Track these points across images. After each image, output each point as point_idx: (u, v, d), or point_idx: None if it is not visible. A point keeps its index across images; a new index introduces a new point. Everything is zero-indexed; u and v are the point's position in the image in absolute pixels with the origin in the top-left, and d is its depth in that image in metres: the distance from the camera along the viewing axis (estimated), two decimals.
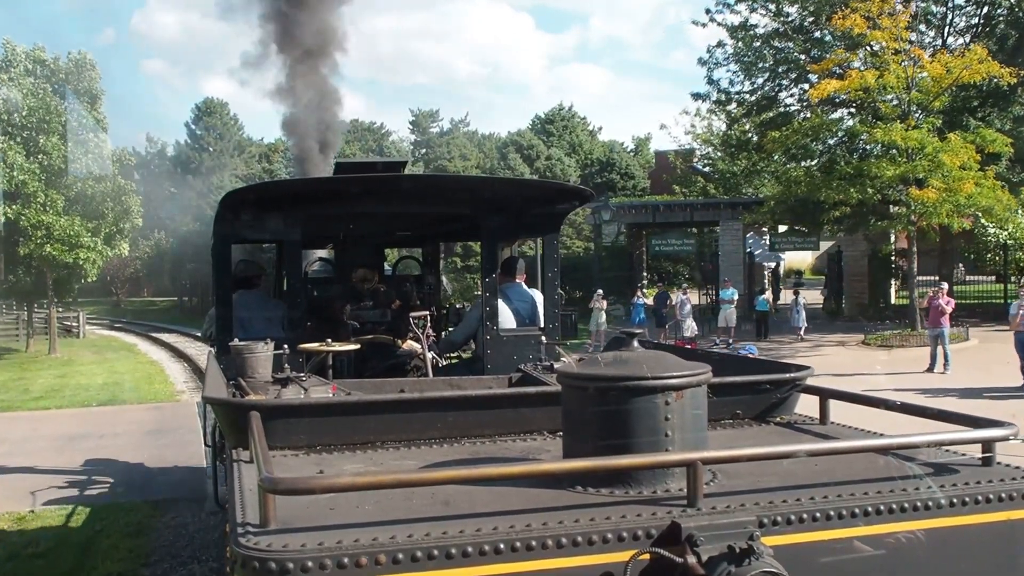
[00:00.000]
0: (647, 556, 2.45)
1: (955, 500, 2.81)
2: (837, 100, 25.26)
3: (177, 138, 63.45)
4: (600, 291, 24.36)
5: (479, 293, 6.87)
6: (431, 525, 2.44)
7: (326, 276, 8.55)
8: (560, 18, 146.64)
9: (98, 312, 52.02)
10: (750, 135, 29.07)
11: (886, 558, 2.73)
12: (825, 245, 38.10)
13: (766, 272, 37.93)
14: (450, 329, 7.25)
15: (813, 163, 26.20)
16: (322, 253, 9.19)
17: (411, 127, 66.64)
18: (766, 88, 27.33)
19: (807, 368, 4.19)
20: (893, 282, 30.65)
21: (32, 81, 25.76)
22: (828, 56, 24.23)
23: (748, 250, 31.31)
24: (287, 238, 5.73)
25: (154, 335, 35.94)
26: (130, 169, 29.13)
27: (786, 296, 32.62)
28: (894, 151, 21.95)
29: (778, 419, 4.05)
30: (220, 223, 5.62)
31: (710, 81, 28.55)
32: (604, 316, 23.12)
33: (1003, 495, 2.87)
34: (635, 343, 3.17)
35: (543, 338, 6.08)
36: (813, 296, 32.57)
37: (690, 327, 23.03)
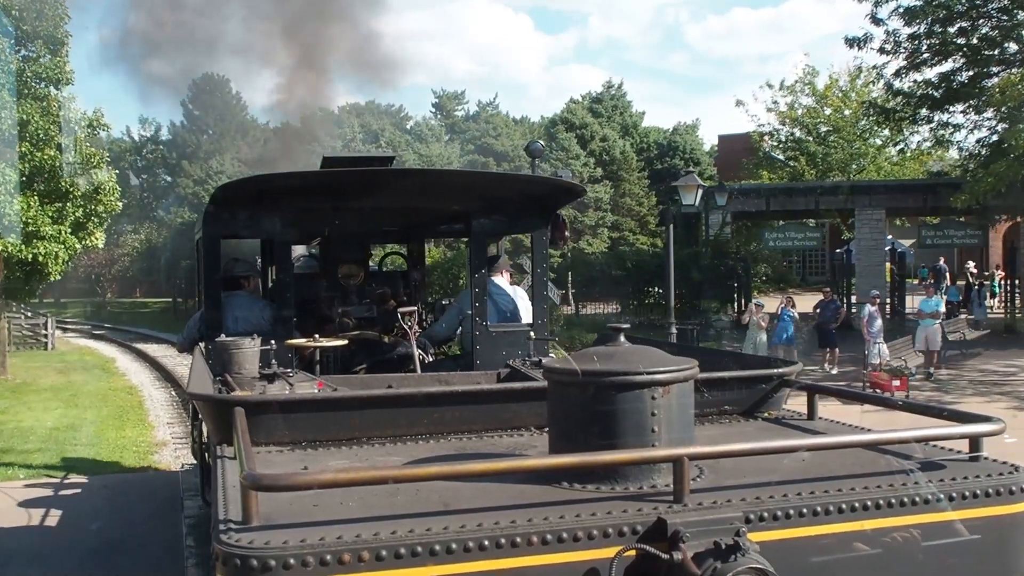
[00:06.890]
0: (633, 552, 2.43)
1: (942, 495, 2.79)
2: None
3: (172, 119, 56.57)
4: (759, 302, 17.74)
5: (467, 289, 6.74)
6: (415, 522, 2.40)
7: (311, 272, 8.09)
8: (559, 19, 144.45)
9: (80, 315, 46.30)
10: (925, 90, 22.21)
11: (872, 553, 2.69)
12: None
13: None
14: (442, 325, 7.06)
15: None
16: (302, 249, 8.63)
17: (433, 110, 60.07)
18: (952, 27, 20.55)
19: (795, 363, 4.15)
20: None
21: None
22: None
23: (894, 247, 24.82)
24: (277, 233, 5.72)
25: (139, 346, 29.69)
26: (121, 154, 22.55)
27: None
28: None
29: (766, 415, 4.03)
30: (209, 218, 5.64)
31: (875, 20, 21.78)
32: (764, 335, 16.54)
33: (990, 490, 2.85)
34: (621, 338, 3.01)
35: (532, 334, 5.97)
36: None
37: (881, 351, 16.40)
